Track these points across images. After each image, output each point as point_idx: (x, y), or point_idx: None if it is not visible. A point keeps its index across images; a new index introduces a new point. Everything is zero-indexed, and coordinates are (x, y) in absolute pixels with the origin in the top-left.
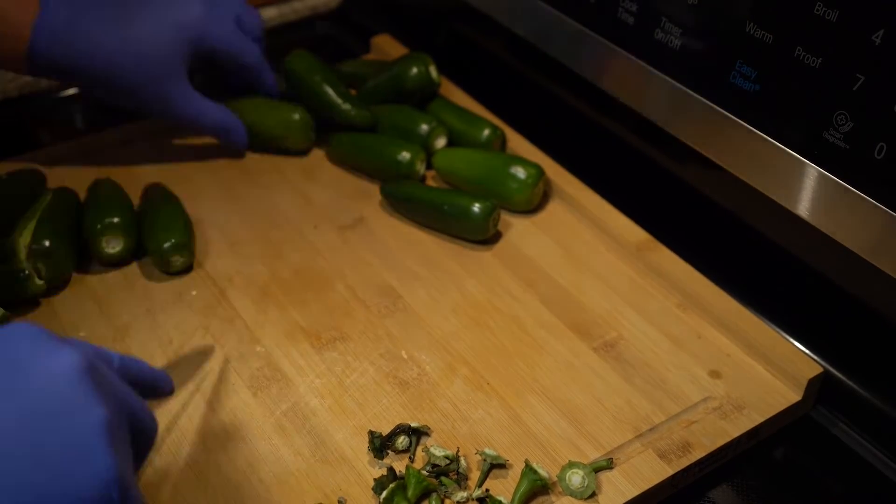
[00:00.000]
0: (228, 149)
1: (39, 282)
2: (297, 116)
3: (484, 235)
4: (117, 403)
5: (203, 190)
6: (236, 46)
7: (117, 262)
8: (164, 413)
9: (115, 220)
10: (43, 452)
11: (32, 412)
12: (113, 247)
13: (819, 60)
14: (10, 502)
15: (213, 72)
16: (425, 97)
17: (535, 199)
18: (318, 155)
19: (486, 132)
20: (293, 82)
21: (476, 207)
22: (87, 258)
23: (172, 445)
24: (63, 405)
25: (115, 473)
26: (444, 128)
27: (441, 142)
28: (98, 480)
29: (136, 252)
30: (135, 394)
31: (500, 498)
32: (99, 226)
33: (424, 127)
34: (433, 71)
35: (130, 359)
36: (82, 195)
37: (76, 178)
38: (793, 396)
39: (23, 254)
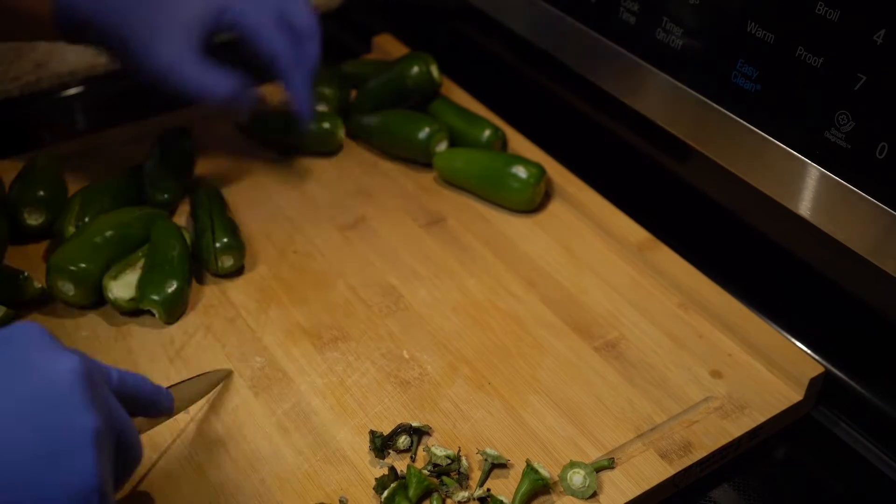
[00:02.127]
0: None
1: (37, 286)
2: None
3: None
4: (109, 417)
5: None
6: (261, 33)
7: (38, 235)
8: None
9: (40, 193)
10: (31, 451)
11: (27, 410)
12: (35, 219)
13: (820, 60)
14: None
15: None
16: (426, 97)
17: (537, 199)
18: (319, 154)
19: (487, 133)
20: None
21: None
22: None
23: (174, 445)
24: (57, 407)
25: (98, 482)
26: (444, 133)
27: (442, 146)
28: (81, 486)
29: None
30: (126, 414)
31: (502, 497)
32: (23, 198)
33: (426, 130)
34: (434, 70)
35: (130, 375)
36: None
37: (76, 178)
38: (794, 396)
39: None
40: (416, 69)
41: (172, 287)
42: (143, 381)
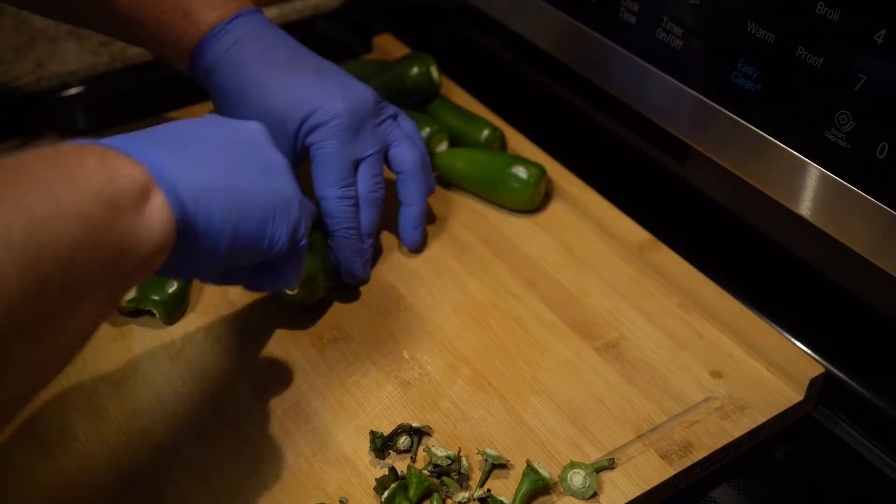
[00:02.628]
0: None
1: None
2: None
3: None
4: (289, 167)
5: None
6: (323, 171)
7: None
8: (164, 412)
9: None
10: (254, 170)
11: (245, 147)
12: None
13: (821, 60)
14: (241, 200)
15: None
16: (426, 97)
17: (537, 199)
18: None
19: (486, 132)
20: None
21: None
22: None
23: (174, 445)
24: (260, 148)
25: (295, 191)
26: (444, 133)
27: (442, 146)
28: (287, 192)
29: None
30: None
31: (502, 498)
32: None
33: (426, 130)
34: (434, 71)
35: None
36: None
37: None
38: (794, 396)
39: None
40: (415, 70)
41: (173, 287)
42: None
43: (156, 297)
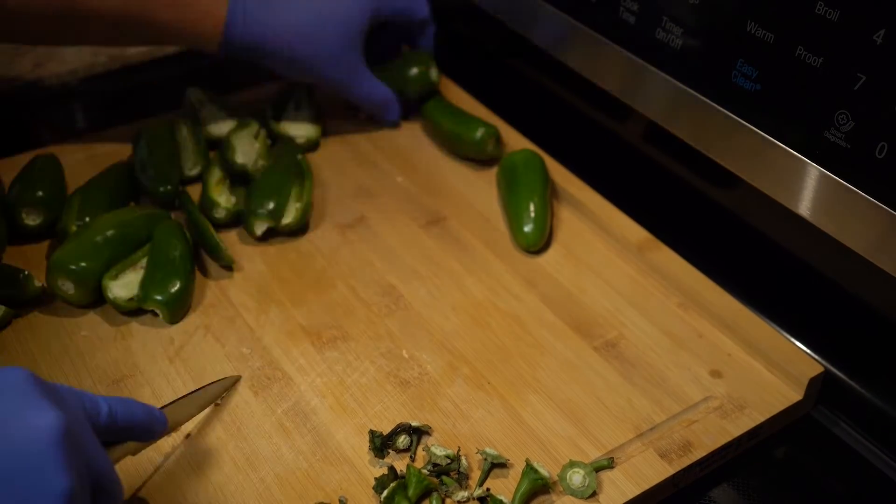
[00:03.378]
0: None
1: (38, 284)
2: None
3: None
4: (86, 471)
5: None
6: (415, 6)
7: (37, 235)
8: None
9: (39, 193)
10: None
11: (2, 468)
12: (33, 219)
13: (820, 60)
14: None
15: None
16: (423, 96)
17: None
18: (318, 155)
19: (481, 132)
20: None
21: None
22: None
23: (174, 444)
24: (32, 469)
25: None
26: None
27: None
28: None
29: None
30: (107, 460)
31: (501, 497)
32: (22, 198)
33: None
34: (433, 72)
35: (121, 405)
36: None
37: (76, 178)
38: (794, 396)
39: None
40: (414, 70)
41: (175, 287)
42: (134, 408)
43: (159, 297)
